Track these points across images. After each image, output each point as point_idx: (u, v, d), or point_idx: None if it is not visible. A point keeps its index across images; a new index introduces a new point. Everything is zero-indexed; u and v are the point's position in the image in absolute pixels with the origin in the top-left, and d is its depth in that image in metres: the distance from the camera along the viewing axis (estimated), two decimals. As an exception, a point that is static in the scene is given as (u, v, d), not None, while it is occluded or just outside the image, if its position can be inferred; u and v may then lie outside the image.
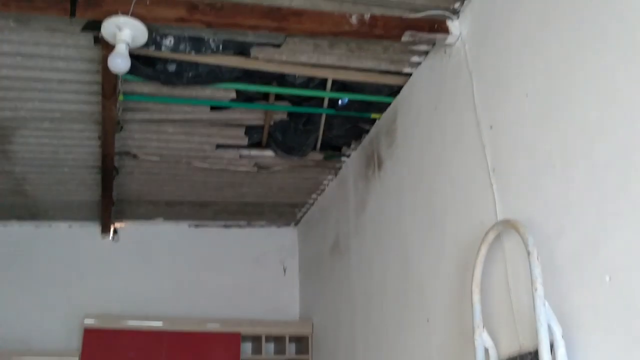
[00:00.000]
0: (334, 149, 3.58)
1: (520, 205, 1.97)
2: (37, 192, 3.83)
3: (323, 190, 4.13)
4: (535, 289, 1.69)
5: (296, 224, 4.78)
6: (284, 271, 4.68)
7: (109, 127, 2.96)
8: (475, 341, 1.99)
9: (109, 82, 2.60)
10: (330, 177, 3.92)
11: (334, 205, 3.93)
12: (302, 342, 4.26)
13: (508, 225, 1.92)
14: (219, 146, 3.38)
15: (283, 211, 4.53)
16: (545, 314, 1.66)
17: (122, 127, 3.08)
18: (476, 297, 2.04)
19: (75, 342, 3.79)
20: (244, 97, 3.03)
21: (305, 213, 4.56)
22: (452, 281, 2.35)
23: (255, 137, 3.38)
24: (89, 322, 3.80)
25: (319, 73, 2.81)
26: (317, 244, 4.26)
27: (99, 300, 4.12)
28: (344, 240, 3.68)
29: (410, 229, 2.77)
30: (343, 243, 3.68)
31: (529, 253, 1.75)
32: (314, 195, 4.23)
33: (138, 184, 3.80)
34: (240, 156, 3.48)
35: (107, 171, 3.42)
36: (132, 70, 2.44)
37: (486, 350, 1.98)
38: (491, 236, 2.01)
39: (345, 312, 3.56)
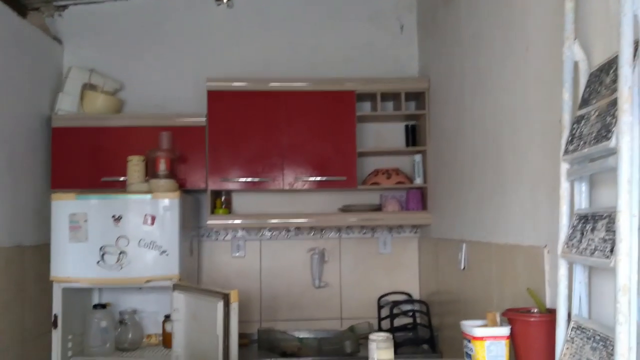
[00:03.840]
0: None
1: None
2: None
3: None
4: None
5: (412, -23, 4.44)
6: (401, 29, 4.47)
7: None
8: (563, 54, 1.78)
9: None
10: None
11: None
12: (419, 99, 4.20)
13: None
14: None
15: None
16: None
17: None
18: (569, 5, 1.78)
19: (203, 105, 4.04)
20: None
21: (421, -38, 4.19)
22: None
23: None
24: (212, 84, 3.99)
25: None
26: (433, -5, 3.95)
27: (221, 65, 4.30)
28: (455, -18, 3.35)
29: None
30: (454, -15, 3.36)
31: None
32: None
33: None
34: None
35: None
36: None
37: (576, 64, 1.77)
38: None
39: (455, 60, 3.37)
